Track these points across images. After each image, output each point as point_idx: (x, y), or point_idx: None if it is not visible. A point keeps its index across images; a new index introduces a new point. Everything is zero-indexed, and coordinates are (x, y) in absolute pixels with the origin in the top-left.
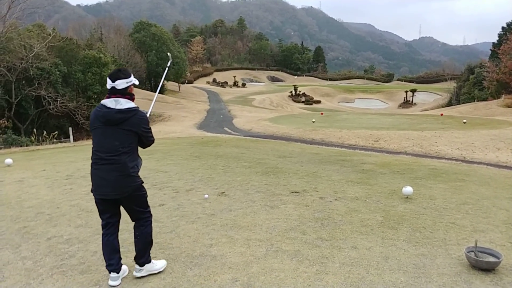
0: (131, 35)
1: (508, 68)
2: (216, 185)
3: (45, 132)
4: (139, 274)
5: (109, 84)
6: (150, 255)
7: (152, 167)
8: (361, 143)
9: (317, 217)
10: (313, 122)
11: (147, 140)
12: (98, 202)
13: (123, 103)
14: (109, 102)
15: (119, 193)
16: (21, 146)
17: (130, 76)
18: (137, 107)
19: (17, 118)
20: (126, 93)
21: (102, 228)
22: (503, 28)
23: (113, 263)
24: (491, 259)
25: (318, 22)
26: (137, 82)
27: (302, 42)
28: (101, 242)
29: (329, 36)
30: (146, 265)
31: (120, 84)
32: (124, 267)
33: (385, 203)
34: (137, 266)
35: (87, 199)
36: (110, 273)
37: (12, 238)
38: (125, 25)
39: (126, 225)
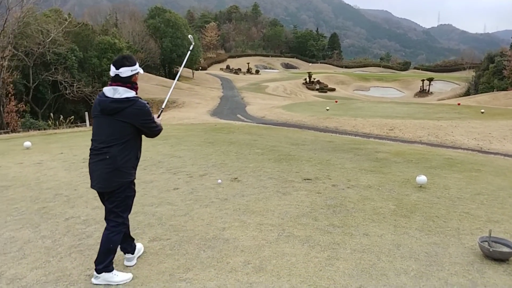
0: (146, 21)
1: None
2: (229, 171)
3: (61, 117)
4: (95, 281)
5: (112, 71)
6: (113, 265)
7: (166, 152)
8: (375, 132)
9: (329, 204)
10: (327, 110)
11: (150, 131)
12: (97, 193)
13: (122, 92)
14: (108, 91)
15: (105, 187)
16: (39, 130)
17: (135, 64)
18: (137, 97)
19: (35, 103)
20: (128, 82)
21: (105, 219)
22: None
23: (125, 247)
24: (505, 249)
25: (334, 8)
26: (141, 71)
27: (317, 29)
28: None
29: (344, 23)
30: (104, 274)
31: (125, 72)
32: (139, 245)
33: (398, 192)
34: (94, 272)
35: None
36: (125, 254)
37: (32, 218)
38: (140, 11)
39: (141, 208)
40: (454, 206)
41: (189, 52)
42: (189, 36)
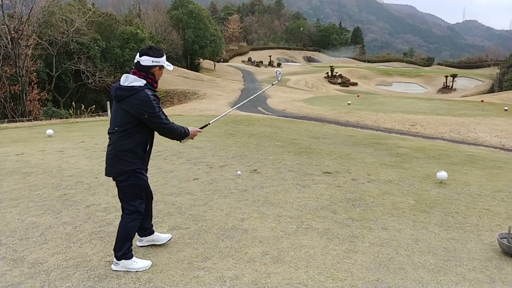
0: (169, 12)
1: None
2: (248, 162)
3: (83, 106)
4: (114, 268)
5: (136, 58)
6: (131, 252)
7: (187, 143)
8: (397, 127)
9: (348, 197)
10: (349, 104)
11: (154, 126)
12: None
13: (131, 80)
14: (122, 77)
15: (107, 172)
16: (60, 118)
17: (160, 57)
18: (144, 87)
19: (57, 91)
20: (143, 70)
21: None
22: None
23: (147, 227)
24: None
25: (358, 2)
26: (169, 67)
27: (340, 23)
28: None
29: (368, 17)
30: (123, 261)
31: (145, 60)
32: (155, 236)
33: (418, 187)
34: (114, 259)
35: None
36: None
37: (54, 204)
38: (163, 2)
39: (161, 197)
40: (474, 203)
41: (271, 85)
42: (276, 71)
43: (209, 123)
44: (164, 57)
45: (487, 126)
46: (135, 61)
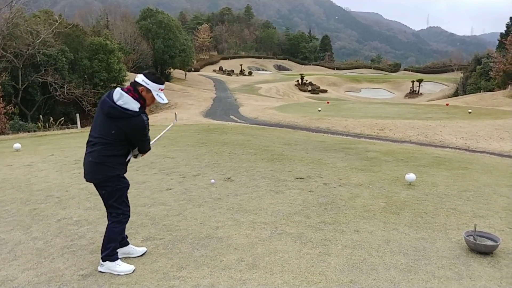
0: (138, 22)
1: None
2: (222, 170)
3: (51, 119)
4: (100, 268)
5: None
6: (117, 254)
7: (159, 153)
8: (366, 132)
9: (321, 202)
10: (319, 111)
11: (140, 145)
12: None
13: (126, 101)
14: (116, 93)
15: (90, 178)
16: (28, 132)
17: (152, 81)
18: (139, 112)
19: (24, 105)
20: (133, 86)
21: None
22: (511, 18)
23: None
24: (489, 242)
25: (326, 10)
26: (161, 100)
27: (310, 31)
28: None
29: (336, 25)
30: (108, 263)
31: (138, 77)
32: (130, 249)
33: (388, 190)
34: (101, 260)
35: None
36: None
37: (23, 219)
38: (132, 12)
39: (134, 208)
40: (441, 203)
41: (170, 126)
42: (175, 113)
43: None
44: (158, 85)
45: (452, 129)
46: (143, 83)
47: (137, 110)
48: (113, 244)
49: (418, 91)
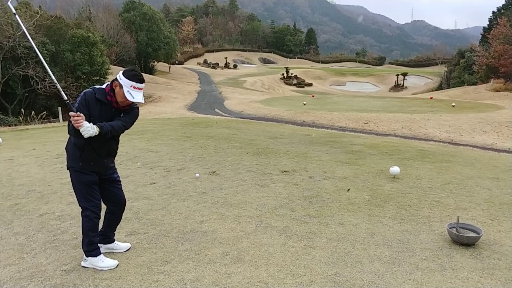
0: (121, 15)
1: (497, 52)
2: (207, 164)
3: (33, 112)
4: (83, 264)
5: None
6: (98, 250)
7: (142, 147)
8: (351, 125)
9: (305, 195)
10: (304, 104)
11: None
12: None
13: (98, 92)
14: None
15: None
16: (9, 126)
17: (125, 77)
18: (81, 93)
19: (4, 98)
20: (111, 84)
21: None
22: (493, 12)
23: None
24: (472, 234)
25: (311, 3)
26: (130, 98)
27: (295, 24)
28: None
29: (321, 18)
30: (90, 258)
31: (118, 74)
32: (114, 245)
33: (373, 183)
34: (83, 255)
35: None
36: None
37: (4, 214)
38: (115, 4)
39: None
40: (425, 195)
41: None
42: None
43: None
44: (130, 82)
45: (436, 122)
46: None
47: (90, 89)
48: (86, 239)
49: (403, 85)
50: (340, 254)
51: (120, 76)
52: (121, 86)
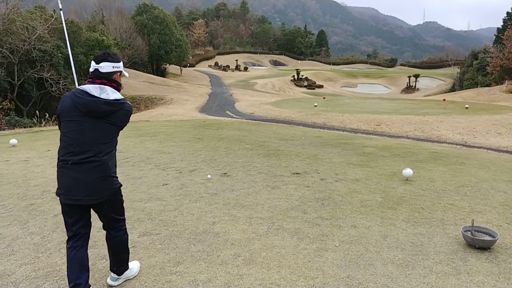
0: (133, 18)
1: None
2: (218, 166)
3: (47, 114)
4: (116, 283)
5: (92, 66)
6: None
7: (155, 148)
8: (363, 127)
9: (317, 197)
10: (315, 106)
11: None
12: (67, 210)
13: (110, 93)
14: (93, 89)
15: (97, 198)
16: (24, 128)
17: (118, 62)
18: (123, 98)
19: (20, 100)
20: (112, 81)
21: (68, 241)
22: (507, 13)
23: (81, 283)
24: (487, 238)
25: (322, 6)
26: (126, 74)
27: (305, 26)
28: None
29: (332, 20)
30: (125, 272)
31: (105, 67)
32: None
33: (385, 185)
34: (114, 275)
35: None
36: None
37: (20, 214)
38: (127, 8)
39: (131, 203)
40: (439, 198)
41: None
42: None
43: None
44: (122, 62)
45: (449, 124)
46: (92, 69)
47: (122, 97)
48: (129, 254)
49: (415, 86)
50: (353, 256)
51: (118, 65)
52: (121, 73)
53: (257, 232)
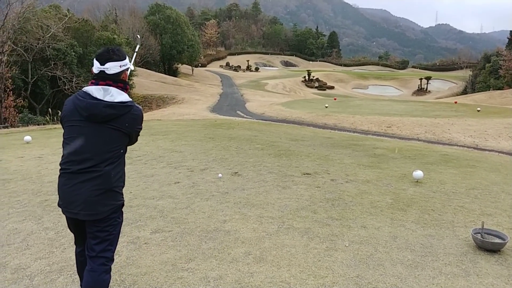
0: (146, 17)
1: None
2: (229, 165)
3: (60, 112)
4: None
5: (96, 67)
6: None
7: (167, 147)
8: (373, 129)
9: (328, 197)
10: (326, 107)
11: (135, 139)
12: (69, 222)
13: (115, 95)
14: (96, 91)
15: (94, 214)
16: (38, 125)
17: (124, 59)
18: (131, 100)
19: (33, 98)
20: (118, 81)
21: (75, 246)
22: None
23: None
24: (497, 240)
25: (333, 7)
26: (132, 67)
27: (317, 27)
28: None
29: (344, 22)
30: None
31: (112, 68)
32: None
33: (395, 186)
34: None
35: None
36: None
37: (35, 210)
38: (140, 8)
39: (143, 201)
40: (449, 200)
41: (135, 53)
42: (137, 36)
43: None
44: (127, 57)
45: (460, 127)
46: (96, 70)
47: (130, 100)
48: None
49: (426, 89)
50: (362, 256)
51: (124, 63)
52: (128, 70)
53: (268, 231)
